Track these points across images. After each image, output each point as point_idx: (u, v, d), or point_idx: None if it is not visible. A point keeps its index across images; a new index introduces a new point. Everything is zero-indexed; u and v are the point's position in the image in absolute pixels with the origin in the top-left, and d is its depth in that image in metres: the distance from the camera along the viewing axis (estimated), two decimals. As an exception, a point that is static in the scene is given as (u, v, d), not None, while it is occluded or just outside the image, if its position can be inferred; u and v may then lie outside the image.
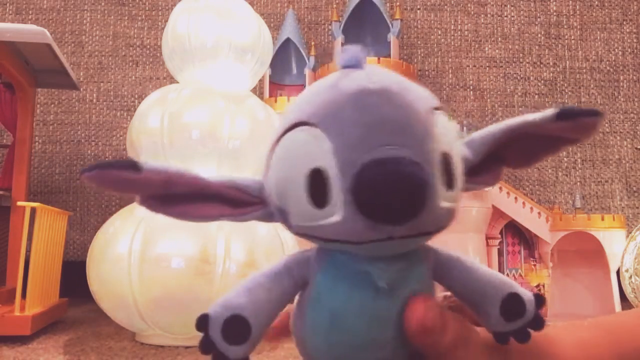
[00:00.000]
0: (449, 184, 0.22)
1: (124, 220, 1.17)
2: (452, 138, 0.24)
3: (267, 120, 1.29)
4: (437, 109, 0.24)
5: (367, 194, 0.20)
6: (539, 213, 1.66)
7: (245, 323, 0.24)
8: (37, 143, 2.01)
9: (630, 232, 1.53)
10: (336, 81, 0.23)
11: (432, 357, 0.25)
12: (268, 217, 0.25)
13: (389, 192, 0.20)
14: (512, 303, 0.25)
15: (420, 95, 0.24)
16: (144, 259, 1.07)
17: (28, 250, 1.20)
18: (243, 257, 1.11)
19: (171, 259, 1.08)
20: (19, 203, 1.24)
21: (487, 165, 0.26)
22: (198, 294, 1.06)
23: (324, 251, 0.25)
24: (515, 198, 1.67)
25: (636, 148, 2.10)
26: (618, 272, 1.54)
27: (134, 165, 0.22)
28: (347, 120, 0.22)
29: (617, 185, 2.08)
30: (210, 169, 1.21)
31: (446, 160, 0.22)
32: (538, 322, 0.26)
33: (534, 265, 1.69)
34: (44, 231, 1.24)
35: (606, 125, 2.12)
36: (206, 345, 0.24)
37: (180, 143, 1.19)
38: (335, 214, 0.21)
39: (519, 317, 0.25)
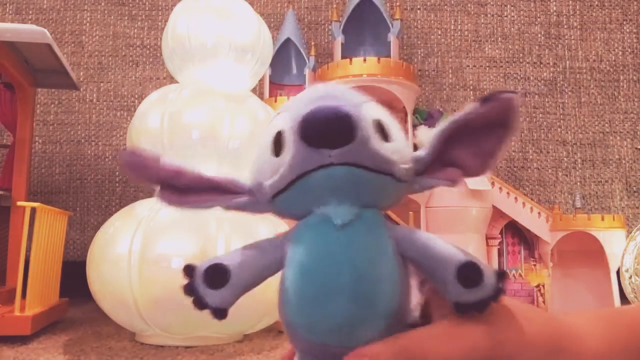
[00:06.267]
0: (385, 138, 0.27)
1: (123, 220, 1.17)
2: (386, 117, 0.28)
3: (267, 120, 1.29)
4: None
5: (305, 126, 0.26)
6: (539, 213, 1.66)
7: (224, 270, 0.28)
8: (37, 143, 2.01)
9: (630, 232, 1.53)
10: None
11: None
12: (253, 205, 0.30)
13: (321, 120, 0.25)
14: (468, 269, 0.26)
15: (359, 94, 0.29)
16: (144, 259, 1.07)
17: (28, 250, 1.20)
18: (243, 257, 1.10)
19: (171, 259, 1.08)
20: (19, 203, 1.24)
21: (445, 166, 0.29)
22: (198, 294, 1.06)
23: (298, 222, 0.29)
24: (515, 198, 1.67)
25: (636, 148, 2.10)
26: (618, 272, 1.54)
27: (156, 154, 0.30)
28: (299, 99, 0.28)
29: (617, 185, 2.08)
30: (210, 169, 1.21)
31: (379, 124, 0.27)
32: (498, 296, 0.26)
33: (534, 265, 1.69)
34: (44, 231, 1.24)
35: (606, 125, 2.12)
36: (188, 290, 0.29)
37: (180, 143, 1.19)
38: (288, 153, 0.26)
39: (476, 284, 0.26)
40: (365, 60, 1.66)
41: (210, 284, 0.28)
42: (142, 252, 1.07)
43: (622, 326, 0.30)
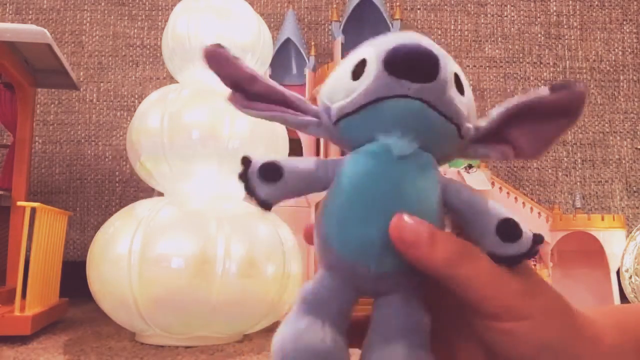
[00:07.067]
0: (460, 92, 0.28)
1: (123, 220, 1.17)
2: (462, 74, 0.29)
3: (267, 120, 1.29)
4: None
5: (393, 55, 0.26)
6: (539, 213, 1.66)
7: (278, 167, 0.29)
8: (37, 143, 2.01)
9: (630, 232, 1.53)
10: None
11: (433, 275, 0.25)
12: (315, 127, 0.30)
13: (409, 53, 0.26)
14: (509, 225, 0.27)
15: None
16: (144, 259, 1.07)
17: (28, 250, 1.20)
18: (243, 257, 1.11)
19: (171, 259, 1.08)
20: (19, 203, 1.24)
21: (498, 142, 0.29)
22: (198, 294, 1.06)
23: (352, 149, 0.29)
24: (515, 198, 1.67)
25: (636, 148, 2.10)
26: (618, 272, 1.54)
27: (237, 56, 0.31)
28: (386, 38, 0.28)
29: (617, 185, 2.08)
30: (210, 169, 1.21)
31: (457, 77, 0.28)
32: (532, 255, 0.27)
33: (534, 265, 1.69)
34: (44, 231, 1.24)
35: (606, 125, 2.12)
36: (242, 178, 0.29)
37: (180, 143, 1.19)
38: (368, 79, 0.27)
39: (514, 239, 0.27)
40: (365, 60, 1.66)
41: (263, 177, 0.29)
42: (142, 252, 1.07)
43: (631, 324, 0.30)
